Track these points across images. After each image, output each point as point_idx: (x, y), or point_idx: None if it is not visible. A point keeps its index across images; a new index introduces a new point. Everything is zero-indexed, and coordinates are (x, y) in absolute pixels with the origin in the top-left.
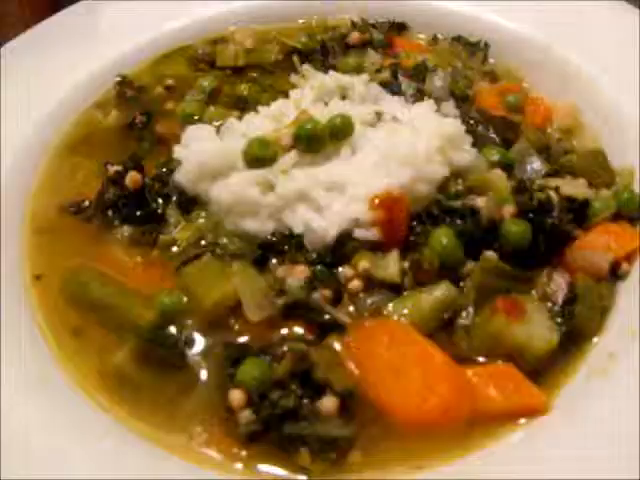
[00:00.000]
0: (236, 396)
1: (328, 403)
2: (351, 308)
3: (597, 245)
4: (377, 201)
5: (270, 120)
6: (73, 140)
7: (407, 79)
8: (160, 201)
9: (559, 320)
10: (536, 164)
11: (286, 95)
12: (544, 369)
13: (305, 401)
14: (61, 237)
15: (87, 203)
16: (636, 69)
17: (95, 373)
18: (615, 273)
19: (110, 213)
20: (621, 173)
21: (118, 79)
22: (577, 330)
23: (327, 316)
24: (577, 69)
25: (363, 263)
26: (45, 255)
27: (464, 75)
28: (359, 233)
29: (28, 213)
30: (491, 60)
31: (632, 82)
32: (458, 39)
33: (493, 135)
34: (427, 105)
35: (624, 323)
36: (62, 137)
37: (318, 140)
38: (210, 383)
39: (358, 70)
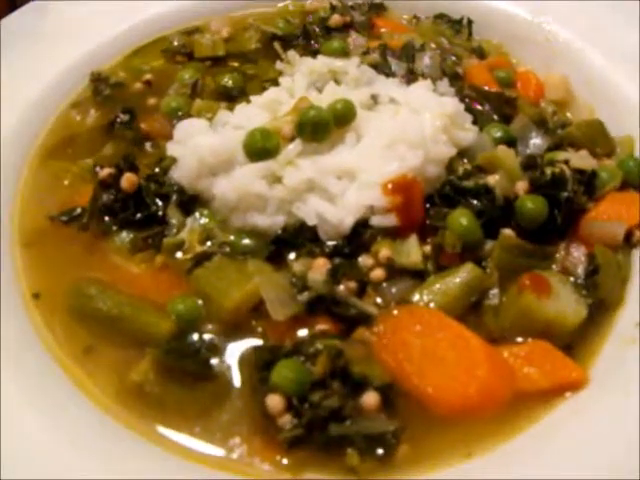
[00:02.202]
0: (274, 401)
1: (370, 399)
2: (377, 299)
3: (610, 215)
4: (391, 186)
5: (264, 110)
6: (52, 145)
7: (396, 60)
8: (159, 202)
9: (584, 292)
10: (538, 139)
11: (274, 83)
12: (575, 342)
13: (348, 400)
14: (55, 250)
15: (79, 210)
16: (623, 39)
17: (114, 391)
18: (629, 241)
19: (106, 219)
20: (621, 142)
21: (92, 76)
22: (602, 301)
23: (353, 309)
24: (564, 42)
25: (384, 251)
26: (40, 271)
27: (452, 52)
28: (376, 220)
29: (15, 227)
30: (475, 37)
31: (619, 52)
32: (441, 17)
33: (490, 112)
34: (424, 85)
35: None
36: (40, 143)
37: (323, 127)
38: (243, 390)
39: (343, 53)
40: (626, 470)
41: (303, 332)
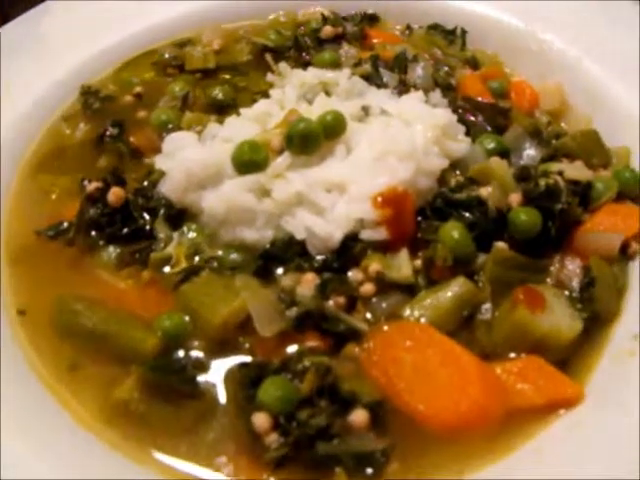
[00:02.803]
0: (261, 420)
1: (358, 417)
2: (367, 314)
3: (606, 226)
4: (381, 199)
5: (254, 122)
6: (40, 158)
7: (388, 71)
8: (146, 217)
9: (579, 306)
10: (531, 150)
11: (265, 95)
12: (570, 357)
13: (336, 418)
14: (41, 265)
15: (65, 225)
16: (619, 48)
17: (98, 410)
18: (625, 253)
19: (93, 234)
20: (617, 153)
21: (82, 89)
22: (598, 314)
23: (342, 324)
24: (559, 51)
25: (374, 265)
26: (26, 287)
27: (445, 63)
28: (365, 234)
29: (1, 242)
30: (469, 47)
31: (616, 62)
32: (435, 27)
33: (484, 123)
34: (416, 96)
35: None
36: (28, 155)
37: (312, 139)
38: (229, 408)
39: (335, 65)
40: None
41: (291, 348)
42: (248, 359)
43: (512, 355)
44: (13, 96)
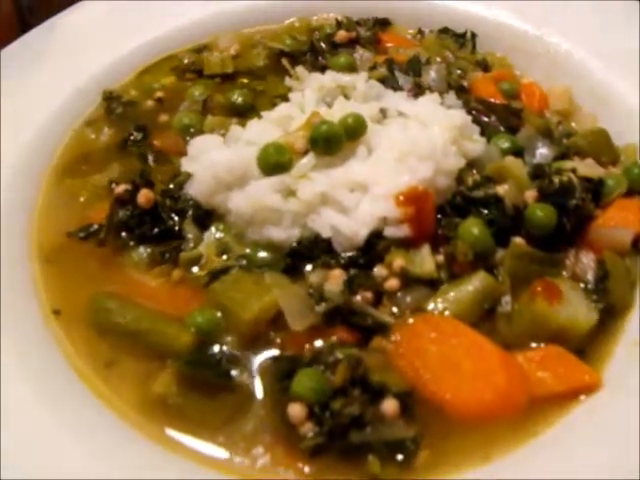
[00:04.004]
0: (296, 410)
1: (389, 406)
2: (393, 308)
3: (617, 221)
4: (403, 198)
5: (276, 125)
6: (67, 162)
7: (403, 74)
8: (175, 217)
9: (594, 297)
10: (544, 149)
11: (284, 99)
12: (587, 347)
13: (368, 407)
14: (73, 266)
15: (96, 226)
16: (624, 49)
17: (137, 404)
18: (637, 247)
19: (123, 234)
20: (624, 150)
21: (104, 95)
22: (612, 305)
23: (370, 318)
24: (566, 53)
25: (398, 261)
26: (60, 287)
27: (457, 66)
28: (389, 231)
29: (34, 244)
30: (479, 50)
31: (620, 62)
32: (445, 31)
33: (497, 123)
34: (432, 98)
35: None
36: (55, 161)
37: (335, 141)
38: (264, 400)
39: (350, 68)
40: None
41: (321, 342)
42: (280, 353)
43: (532, 345)
44: (37, 103)
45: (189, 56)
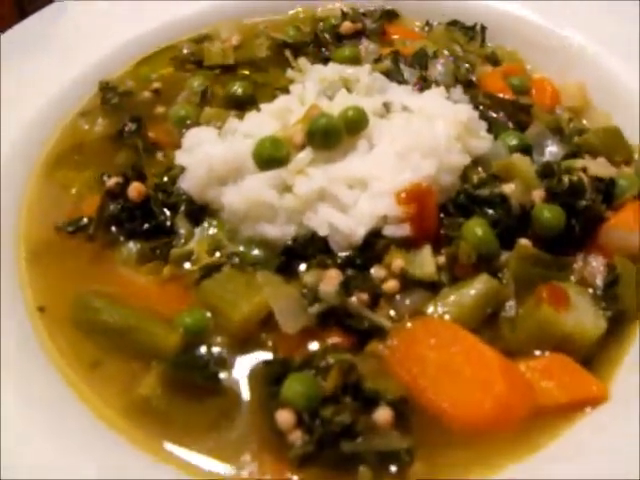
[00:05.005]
0: (284, 417)
1: (382, 415)
2: (391, 311)
3: (629, 224)
4: (404, 195)
5: (274, 118)
6: (60, 153)
7: (408, 67)
8: (167, 212)
9: (603, 304)
10: (553, 146)
11: (284, 91)
12: (595, 356)
13: (360, 415)
14: (61, 261)
15: (85, 220)
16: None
17: (121, 407)
18: None
19: (113, 229)
20: (639, 149)
21: (100, 85)
22: (622, 313)
23: (366, 321)
24: (580, 47)
25: (397, 262)
26: (46, 283)
27: (465, 60)
28: (389, 230)
29: (20, 237)
30: (489, 44)
31: (636, 58)
32: (454, 23)
33: (505, 119)
34: (438, 92)
35: None
36: (47, 151)
37: (334, 135)
38: (252, 405)
39: (355, 60)
40: None
41: (314, 345)
42: (271, 356)
43: (537, 353)
44: (32, 92)
45: (189, 46)
